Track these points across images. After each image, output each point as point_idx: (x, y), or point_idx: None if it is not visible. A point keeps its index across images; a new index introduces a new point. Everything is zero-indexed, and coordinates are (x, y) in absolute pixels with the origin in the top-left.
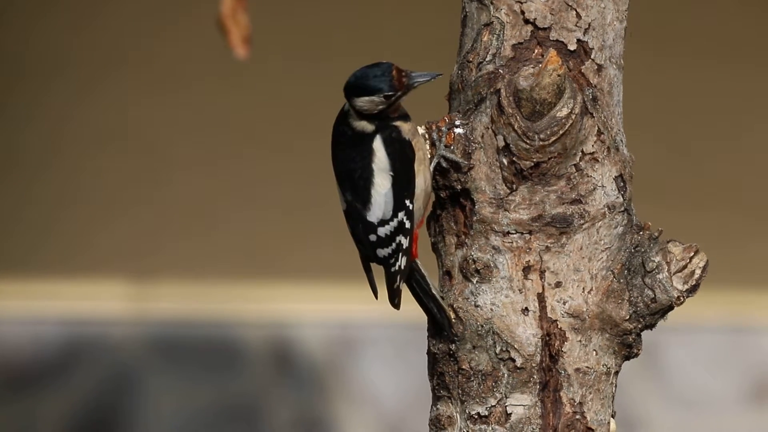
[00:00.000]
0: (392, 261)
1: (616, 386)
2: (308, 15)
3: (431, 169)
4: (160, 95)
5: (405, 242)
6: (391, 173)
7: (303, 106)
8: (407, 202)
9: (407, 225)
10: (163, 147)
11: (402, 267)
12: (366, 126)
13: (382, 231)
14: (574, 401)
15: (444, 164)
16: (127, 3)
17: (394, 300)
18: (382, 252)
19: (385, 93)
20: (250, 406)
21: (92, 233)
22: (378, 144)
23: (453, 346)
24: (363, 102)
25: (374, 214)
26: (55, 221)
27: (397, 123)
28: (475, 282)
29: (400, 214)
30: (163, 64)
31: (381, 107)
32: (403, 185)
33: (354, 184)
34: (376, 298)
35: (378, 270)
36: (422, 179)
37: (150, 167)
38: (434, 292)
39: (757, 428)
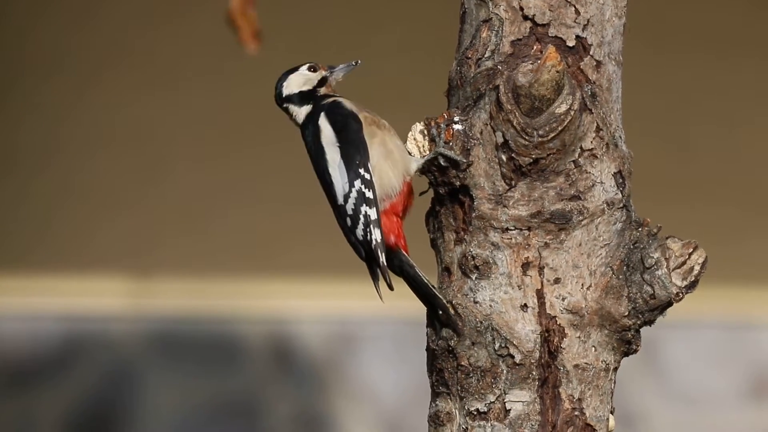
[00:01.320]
0: (368, 237)
1: (615, 382)
2: (307, 11)
3: (422, 161)
4: (159, 92)
5: (372, 213)
6: (338, 144)
7: None
8: (361, 170)
9: (368, 194)
10: (162, 144)
11: (378, 240)
12: (308, 108)
13: (349, 207)
14: (573, 397)
15: (442, 162)
16: (124, 1)
17: (386, 278)
18: (359, 232)
19: (308, 66)
20: (249, 402)
21: (91, 230)
22: (322, 120)
23: (452, 342)
24: (294, 80)
25: (339, 193)
26: (53, 218)
27: (337, 98)
28: (474, 278)
29: (357, 183)
30: (161, 62)
31: (314, 81)
32: (351, 154)
33: (320, 172)
34: (383, 301)
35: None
36: (380, 150)
37: (148, 164)
38: (426, 280)
39: (755, 424)
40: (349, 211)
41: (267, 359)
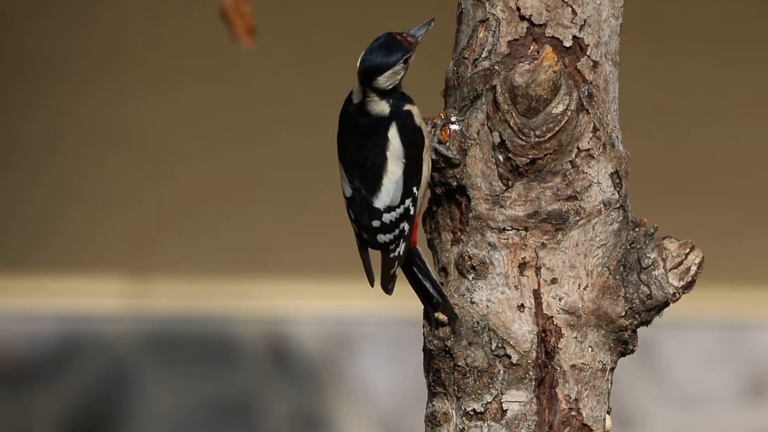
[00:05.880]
0: (392, 247)
1: (611, 383)
2: (305, 11)
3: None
4: (158, 92)
5: (407, 229)
6: (404, 160)
7: (299, 103)
8: (414, 189)
9: (412, 212)
10: (161, 144)
11: (401, 253)
12: (384, 108)
13: (387, 217)
14: (570, 398)
15: (434, 156)
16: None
17: (388, 285)
18: (383, 238)
19: (403, 57)
20: (246, 402)
21: (89, 230)
22: (393, 132)
23: (449, 343)
24: (385, 77)
25: (381, 201)
26: (52, 218)
27: (409, 107)
28: (470, 278)
29: (407, 201)
30: (161, 61)
31: (401, 75)
32: (412, 172)
33: (364, 171)
34: (372, 285)
35: (374, 258)
36: (427, 167)
37: (147, 164)
38: (435, 276)
39: (753, 424)
40: (386, 220)
41: (264, 359)
